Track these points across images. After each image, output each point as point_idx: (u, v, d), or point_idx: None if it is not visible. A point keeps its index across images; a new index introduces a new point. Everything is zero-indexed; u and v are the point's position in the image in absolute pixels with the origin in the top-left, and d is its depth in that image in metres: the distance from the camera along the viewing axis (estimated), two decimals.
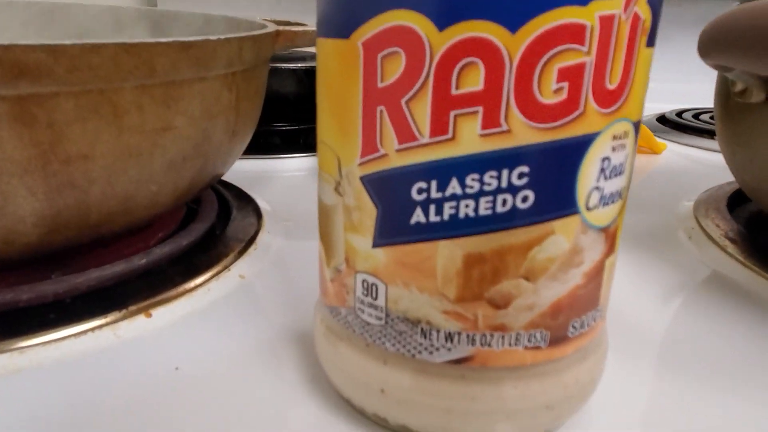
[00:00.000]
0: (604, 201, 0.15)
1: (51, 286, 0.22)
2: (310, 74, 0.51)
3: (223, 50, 0.22)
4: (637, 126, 0.15)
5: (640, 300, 0.26)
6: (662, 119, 0.66)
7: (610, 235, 0.15)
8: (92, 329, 0.22)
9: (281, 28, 0.29)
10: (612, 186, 0.15)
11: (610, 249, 0.16)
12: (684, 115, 0.66)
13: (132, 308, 0.23)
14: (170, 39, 0.20)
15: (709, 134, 0.58)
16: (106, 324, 0.22)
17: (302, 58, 0.56)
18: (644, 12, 0.13)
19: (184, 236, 0.28)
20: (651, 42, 0.14)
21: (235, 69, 0.24)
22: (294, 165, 0.46)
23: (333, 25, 0.14)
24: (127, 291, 0.24)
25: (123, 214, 0.23)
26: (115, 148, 0.20)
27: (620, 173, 0.15)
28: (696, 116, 0.66)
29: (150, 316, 0.23)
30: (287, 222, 0.34)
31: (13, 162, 0.18)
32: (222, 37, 0.22)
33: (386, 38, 0.13)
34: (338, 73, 0.15)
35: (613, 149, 0.14)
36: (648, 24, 0.14)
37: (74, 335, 0.21)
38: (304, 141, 0.50)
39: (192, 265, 0.26)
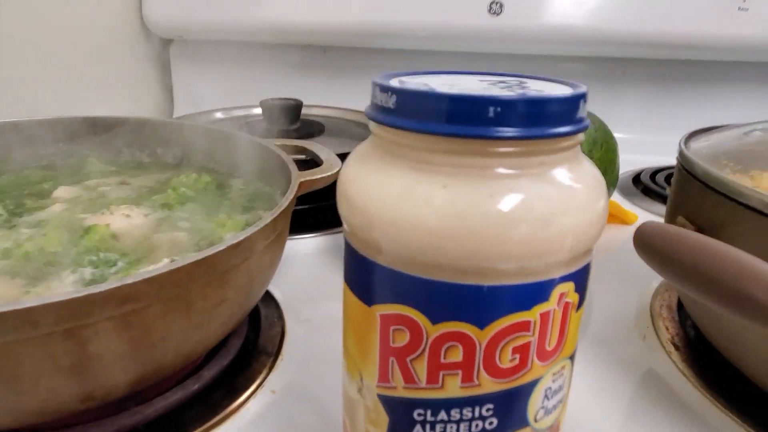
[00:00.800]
0: (548, 412, 0.21)
1: (128, 419, 0.28)
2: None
3: (262, 235, 0.28)
4: (572, 356, 0.21)
5: (588, 403, 0.33)
6: (637, 179, 0.72)
7: (554, 429, 0.21)
8: None
9: (304, 179, 0.35)
10: (553, 402, 0.21)
11: None
12: (658, 177, 0.71)
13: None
14: (226, 245, 0.26)
15: None
16: None
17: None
18: (572, 298, 0.19)
19: (224, 355, 0.34)
20: (580, 306, 0.20)
21: (271, 238, 0.30)
22: (303, 246, 0.52)
23: (358, 290, 0.21)
24: (186, 418, 0.30)
25: (186, 360, 0.29)
26: (186, 327, 0.26)
27: (560, 390, 0.21)
28: (669, 176, 0.72)
29: None
30: (306, 321, 0.40)
31: (113, 353, 0.24)
32: (264, 224, 0.28)
33: (397, 319, 0.19)
34: (361, 322, 0.21)
35: (553, 380, 0.20)
36: (576, 301, 0.20)
37: None
38: (313, 220, 0.56)
39: (232, 387, 0.32)
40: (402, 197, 0.18)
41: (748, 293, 0.21)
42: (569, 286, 0.19)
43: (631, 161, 0.79)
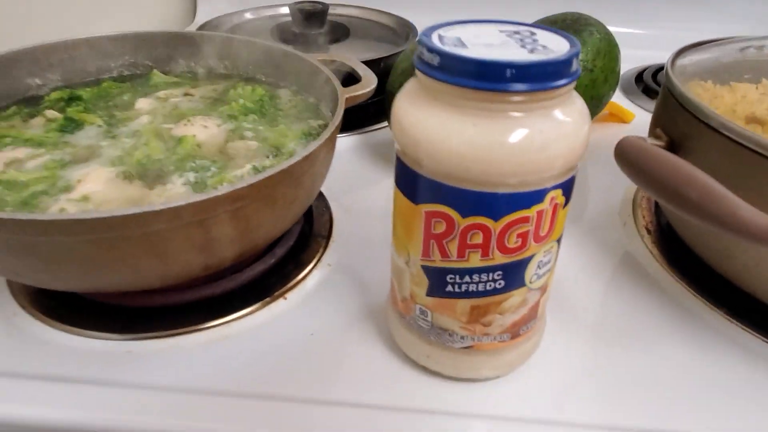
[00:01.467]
0: (539, 278, 0.30)
1: (230, 283, 0.38)
2: None
3: (324, 147, 0.36)
4: (559, 239, 0.30)
5: (576, 277, 0.42)
6: (640, 77, 0.77)
7: (543, 289, 0.31)
8: (257, 309, 0.38)
9: (348, 95, 0.41)
10: (543, 270, 0.30)
11: (543, 293, 0.31)
12: (659, 76, 0.76)
13: (276, 294, 0.39)
14: (300, 156, 0.34)
15: None
16: (264, 305, 0.38)
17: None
18: (560, 200, 0.28)
19: (289, 238, 0.43)
20: (566, 204, 0.28)
21: (329, 147, 0.38)
22: (340, 144, 0.59)
23: (407, 192, 0.29)
24: (269, 283, 0.40)
25: (271, 240, 0.38)
26: (272, 218, 0.35)
27: (549, 262, 0.30)
28: None
29: (286, 299, 0.39)
30: (348, 209, 0.49)
31: (226, 236, 0.33)
32: (325, 137, 0.36)
33: (436, 214, 0.28)
34: (408, 215, 0.29)
35: (544, 255, 0.29)
36: (563, 201, 0.28)
37: (248, 314, 0.38)
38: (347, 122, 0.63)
39: (298, 262, 0.42)
40: (441, 129, 0.26)
41: (709, 209, 0.28)
42: (558, 192, 0.27)
43: (639, 57, 0.83)
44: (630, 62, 0.82)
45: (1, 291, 0.39)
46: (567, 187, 0.28)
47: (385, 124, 0.63)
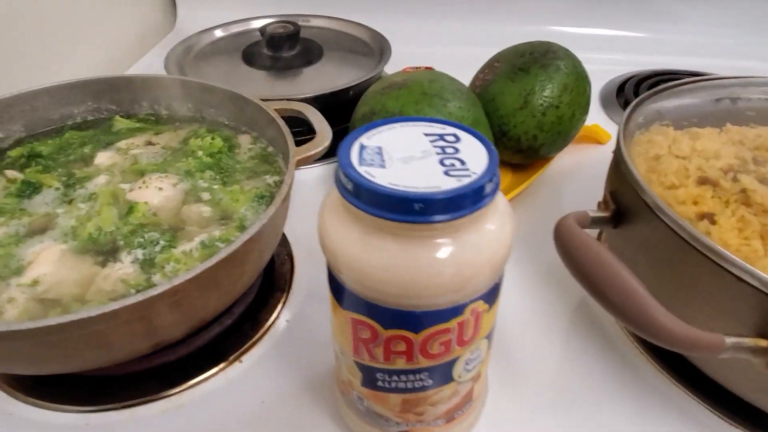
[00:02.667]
0: (468, 371, 0.31)
1: (185, 349, 0.40)
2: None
3: (270, 223, 0.36)
4: (489, 334, 0.30)
5: (527, 326, 0.43)
6: (621, 89, 0.76)
7: (475, 378, 0.32)
8: (212, 375, 0.39)
9: (300, 156, 0.41)
10: (472, 365, 0.30)
11: (476, 380, 0.32)
12: (642, 88, 0.75)
13: (231, 358, 0.40)
14: (241, 241, 0.34)
15: None
16: (220, 371, 0.40)
17: None
18: (483, 307, 0.28)
19: (249, 294, 0.44)
20: (492, 306, 0.29)
21: (276, 219, 0.38)
22: (305, 176, 0.59)
23: (336, 296, 0.29)
24: (225, 346, 0.41)
25: (221, 311, 0.39)
26: (219, 296, 0.36)
27: (477, 357, 0.30)
28: (652, 87, 0.75)
29: (242, 362, 0.40)
30: (312, 256, 0.49)
31: (171, 322, 0.34)
32: (269, 215, 0.36)
33: (360, 323, 0.28)
34: (338, 315, 0.30)
35: (471, 353, 0.30)
36: (487, 308, 0.28)
37: (203, 380, 0.39)
38: None
39: (256, 320, 0.43)
40: (359, 248, 0.26)
41: (629, 314, 0.29)
42: (479, 303, 0.28)
43: (629, 62, 0.82)
44: (619, 66, 0.81)
45: None
46: (491, 294, 0.28)
47: None
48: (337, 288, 0.29)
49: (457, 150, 0.27)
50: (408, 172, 0.25)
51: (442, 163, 0.26)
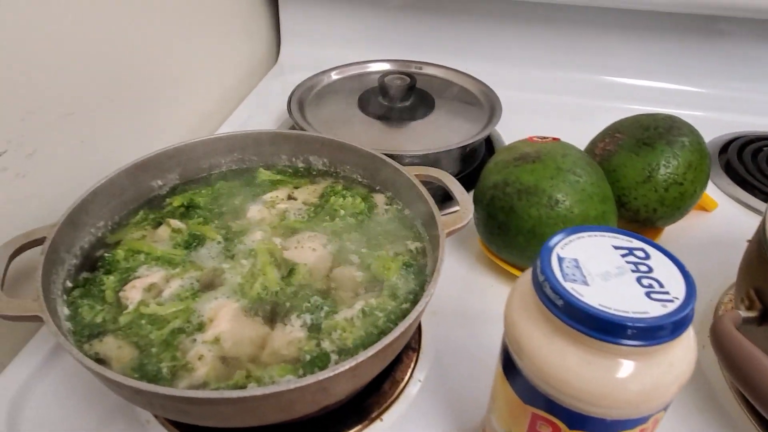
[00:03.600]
0: None
1: (332, 407, 0.42)
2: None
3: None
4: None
5: None
6: (725, 148, 0.76)
7: None
8: (363, 428, 0.42)
9: (448, 230, 0.44)
10: None
11: None
12: (746, 153, 0.75)
13: (373, 416, 0.43)
14: (401, 329, 0.37)
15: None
16: (363, 428, 0.42)
17: None
18: (661, 415, 0.30)
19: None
20: (666, 411, 0.31)
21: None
22: None
23: (518, 391, 0.31)
24: (366, 404, 0.44)
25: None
26: (383, 364, 0.38)
27: None
28: (757, 151, 0.75)
29: (382, 420, 0.43)
30: (436, 316, 0.52)
31: (343, 391, 0.37)
32: (425, 303, 0.38)
33: (544, 419, 0.30)
34: (514, 406, 0.32)
35: None
36: (664, 413, 0.30)
37: None
38: None
39: (393, 379, 0.46)
40: (555, 357, 0.28)
41: None
42: (661, 413, 0.29)
43: (730, 123, 0.81)
44: (721, 128, 0.81)
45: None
46: (669, 405, 0.30)
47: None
48: (516, 377, 0.31)
49: (650, 268, 0.29)
50: (610, 291, 0.28)
51: (639, 282, 0.28)
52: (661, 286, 0.28)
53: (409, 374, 0.46)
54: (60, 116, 0.51)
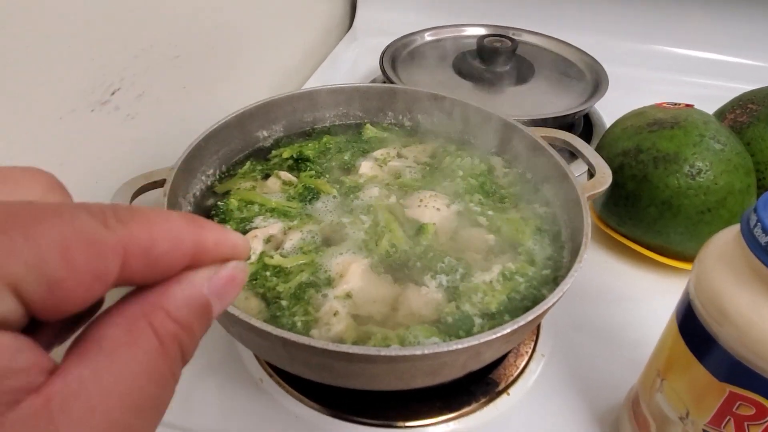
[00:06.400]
0: None
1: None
2: None
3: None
4: None
5: None
6: None
7: None
8: (483, 405, 0.39)
9: (588, 193, 0.40)
10: None
11: None
12: None
13: (500, 390, 0.40)
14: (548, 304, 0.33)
15: None
16: (490, 401, 0.39)
17: None
18: None
19: None
20: None
21: None
22: None
23: (710, 367, 0.28)
24: (493, 377, 0.41)
25: None
26: (527, 332, 0.35)
27: None
28: None
29: (509, 394, 0.40)
30: None
31: (488, 357, 0.34)
32: (573, 276, 0.35)
33: (745, 399, 0.27)
34: (704, 386, 0.29)
35: None
36: None
37: (475, 410, 0.39)
38: None
39: (518, 351, 0.43)
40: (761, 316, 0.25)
41: None
42: None
43: None
44: None
45: (250, 359, 0.42)
46: None
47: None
48: (709, 350, 0.28)
49: None
50: None
51: None
52: None
53: (532, 347, 0.43)
54: (168, 58, 0.49)
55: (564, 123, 0.62)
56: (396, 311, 0.36)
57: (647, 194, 0.46)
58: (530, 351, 0.43)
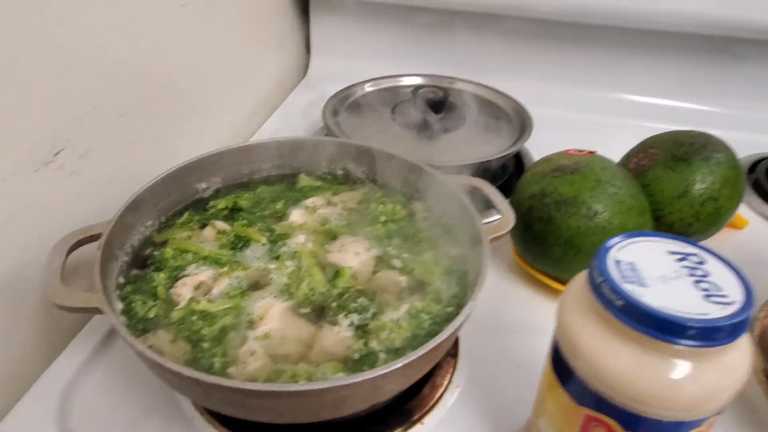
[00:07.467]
0: None
1: (375, 408, 0.43)
2: None
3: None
4: None
5: None
6: (753, 167, 0.76)
7: None
8: (405, 430, 0.42)
9: (491, 236, 0.45)
10: None
11: None
12: None
13: (415, 419, 0.43)
14: (448, 333, 0.37)
15: None
16: (405, 430, 0.43)
17: None
18: (714, 419, 0.30)
19: None
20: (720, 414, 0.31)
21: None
22: None
23: (570, 392, 0.32)
24: (408, 407, 0.44)
25: None
26: (430, 365, 0.39)
27: None
28: None
29: (423, 423, 0.43)
30: (474, 323, 0.52)
31: (393, 389, 0.37)
32: (470, 310, 0.39)
33: (598, 420, 0.31)
34: (565, 407, 0.32)
35: None
36: (716, 418, 0.30)
37: None
38: None
39: (433, 383, 0.46)
40: (604, 351, 0.29)
41: None
42: (716, 416, 0.30)
43: (757, 143, 0.82)
44: (747, 148, 0.81)
45: (185, 399, 0.44)
46: (723, 409, 0.30)
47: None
48: (568, 379, 0.32)
49: (706, 273, 0.30)
50: (669, 293, 0.28)
51: (697, 285, 0.29)
52: (719, 289, 0.29)
53: (448, 379, 0.47)
54: (114, 117, 0.53)
55: (490, 167, 0.67)
56: (311, 349, 0.39)
57: (552, 234, 0.51)
58: (446, 382, 0.47)
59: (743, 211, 0.69)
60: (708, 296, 0.28)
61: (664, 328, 0.27)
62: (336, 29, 0.96)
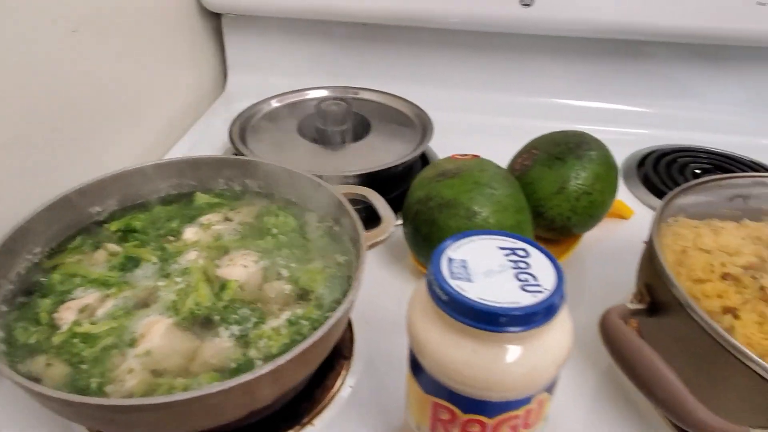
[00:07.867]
0: None
1: (265, 411, 0.45)
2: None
3: (344, 315, 0.42)
4: (547, 416, 0.35)
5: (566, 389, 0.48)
6: (641, 163, 0.82)
7: None
8: None
9: (370, 242, 0.47)
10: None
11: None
12: (661, 164, 0.81)
13: (304, 422, 0.45)
14: (320, 334, 0.39)
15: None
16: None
17: None
18: (545, 397, 0.33)
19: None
20: (551, 395, 0.34)
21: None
22: None
23: (420, 383, 0.35)
24: (298, 410, 0.46)
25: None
26: (308, 369, 0.41)
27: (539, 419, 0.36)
28: (670, 163, 0.81)
29: (314, 425, 0.45)
30: (370, 325, 0.55)
31: (268, 395, 0.39)
32: (344, 309, 0.41)
33: (442, 406, 0.33)
34: (420, 398, 0.35)
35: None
36: (548, 396, 0.34)
37: None
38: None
39: (324, 386, 0.48)
40: (445, 346, 0.32)
41: (671, 409, 0.34)
42: (544, 394, 0.33)
43: (651, 137, 0.88)
44: (641, 142, 0.87)
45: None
46: (551, 386, 0.34)
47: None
48: (419, 372, 0.34)
49: (528, 265, 0.33)
50: (490, 286, 0.31)
51: (517, 278, 0.32)
52: (535, 279, 0.32)
53: (341, 381, 0.49)
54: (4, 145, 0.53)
55: (396, 172, 0.70)
56: (193, 362, 0.41)
57: (436, 236, 0.54)
58: (338, 384, 0.49)
59: (632, 202, 0.74)
60: (524, 287, 0.31)
61: (482, 319, 0.30)
62: (251, 46, 0.97)
